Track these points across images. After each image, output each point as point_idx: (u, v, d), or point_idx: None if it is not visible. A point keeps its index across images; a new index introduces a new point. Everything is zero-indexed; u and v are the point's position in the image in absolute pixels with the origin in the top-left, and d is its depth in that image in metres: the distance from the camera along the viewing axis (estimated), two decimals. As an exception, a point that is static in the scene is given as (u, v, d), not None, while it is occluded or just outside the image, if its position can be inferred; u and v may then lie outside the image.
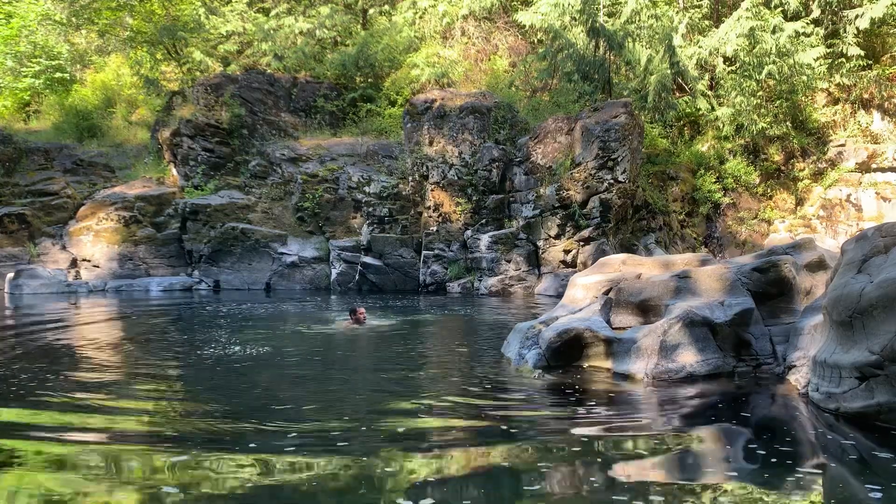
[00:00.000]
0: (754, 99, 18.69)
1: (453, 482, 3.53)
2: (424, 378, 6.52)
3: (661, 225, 17.61)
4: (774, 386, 5.62)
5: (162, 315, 12.24)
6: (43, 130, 22.24)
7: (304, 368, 7.02)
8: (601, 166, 15.54)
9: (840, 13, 19.33)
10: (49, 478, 3.56)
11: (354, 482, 3.48)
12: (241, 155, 19.54)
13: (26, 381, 5.97)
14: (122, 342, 8.88)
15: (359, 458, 3.81)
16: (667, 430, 4.50)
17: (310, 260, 18.12)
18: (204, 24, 23.37)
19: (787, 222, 18.75)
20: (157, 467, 3.70)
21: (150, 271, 18.30)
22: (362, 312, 9.72)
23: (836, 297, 4.70)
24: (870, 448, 3.98)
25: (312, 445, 4.12)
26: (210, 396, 5.67)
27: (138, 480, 3.51)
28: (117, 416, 4.92)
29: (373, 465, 3.69)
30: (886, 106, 19.36)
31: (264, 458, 3.80)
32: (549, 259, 15.94)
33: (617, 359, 6.12)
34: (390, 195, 18.15)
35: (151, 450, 4.05)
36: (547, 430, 4.60)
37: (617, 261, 7.88)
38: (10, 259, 17.93)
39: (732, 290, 6.26)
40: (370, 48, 21.59)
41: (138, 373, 6.69)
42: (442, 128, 17.45)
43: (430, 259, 17.08)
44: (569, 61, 19.51)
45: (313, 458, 3.84)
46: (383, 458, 3.83)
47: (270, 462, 3.74)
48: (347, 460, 3.79)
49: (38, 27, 25.97)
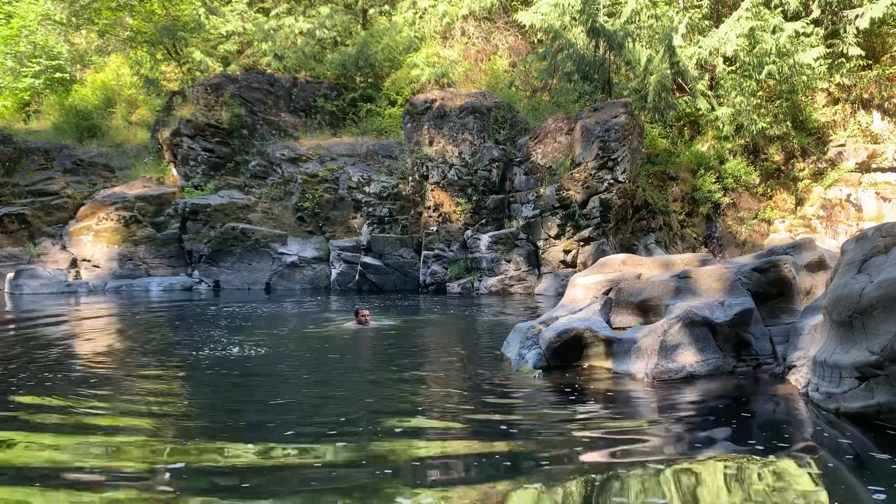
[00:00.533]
0: (754, 99, 18.69)
1: (453, 482, 3.52)
2: (424, 378, 6.52)
3: (661, 225, 17.61)
4: (774, 386, 5.61)
5: (162, 315, 12.23)
6: (43, 130, 22.25)
7: (306, 367, 7.02)
8: (601, 166, 15.54)
9: (840, 13, 19.32)
10: (48, 477, 3.56)
11: (354, 481, 3.48)
12: (241, 155, 19.54)
13: (25, 381, 5.97)
14: (121, 343, 8.88)
15: (358, 458, 3.81)
16: (667, 430, 4.49)
17: (310, 260, 18.13)
18: (204, 24, 23.38)
19: (787, 222, 18.75)
20: (155, 468, 3.70)
21: (150, 271, 18.30)
22: (365, 314, 9.73)
23: (836, 297, 4.69)
24: (870, 448, 3.98)
25: (312, 444, 4.12)
26: (210, 397, 5.67)
27: (136, 478, 3.51)
28: (116, 416, 4.92)
29: (372, 465, 3.69)
30: (886, 106, 19.36)
31: (263, 457, 3.79)
32: (549, 259, 15.94)
33: (617, 359, 6.12)
34: (390, 195, 18.15)
35: (150, 451, 4.05)
36: (547, 430, 4.60)
37: (617, 261, 7.87)
38: (10, 259, 17.93)
39: (732, 290, 6.26)
40: (370, 48, 21.59)
41: (137, 372, 6.68)
42: (442, 128, 17.46)
43: (430, 259, 17.08)
44: (569, 61, 19.52)
45: (313, 457, 3.84)
46: (383, 458, 3.83)
47: (269, 461, 3.74)
48: (347, 459, 3.79)
49: (38, 27, 25.98)
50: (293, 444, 4.04)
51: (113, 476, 3.50)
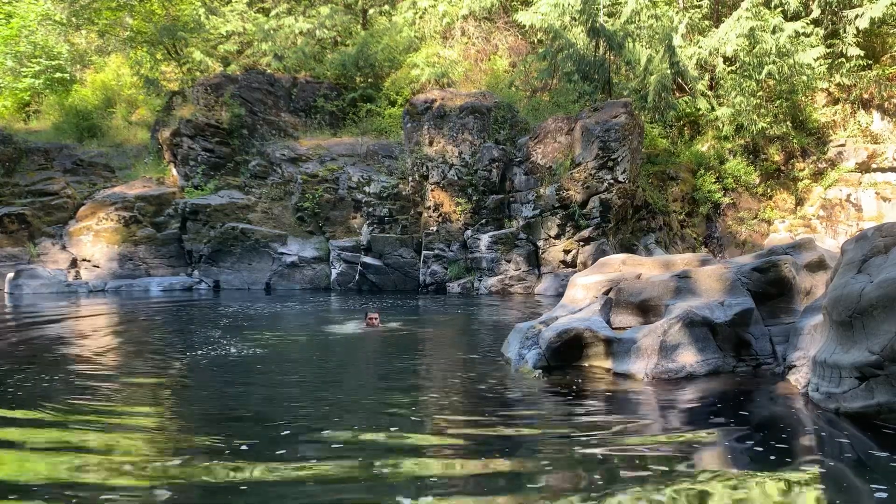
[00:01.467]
0: (754, 99, 18.69)
1: (452, 482, 3.52)
2: (423, 378, 6.52)
3: (661, 225, 17.61)
4: (774, 386, 5.61)
5: (162, 315, 12.23)
6: (43, 130, 22.24)
7: (307, 366, 7.02)
8: (601, 166, 15.54)
9: (840, 13, 19.32)
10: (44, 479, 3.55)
11: (354, 480, 3.48)
12: (241, 155, 19.54)
13: (23, 382, 5.97)
14: (121, 343, 8.87)
15: (358, 457, 3.81)
16: (667, 430, 4.49)
17: (310, 260, 18.12)
18: (204, 24, 23.38)
19: (787, 222, 18.75)
20: (153, 470, 3.70)
21: (150, 271, 18.30)
22: (374, 318, 9.67)
23: (836, 297, 4.69)
24: (870, 448, 3.98)
25: (311, 443, 4.12)
26: (207, 406, 5.66)
27: (135, 480, 3.51)
28: (115, 417, 4.92)
29: (372, 464, 3.69)
30: (886, 106, 19.36)
31: (263, 457, 3.79)
32: (549, 259, 15.94)
33: (617, 359, 6.12)
34: (390, 195, 18.14)
35: (148, 453, 4.05)
36: (547, 430, 4.60)
37: (617, 261, 7.88)
38: (10, 259, 17.92)
39: (732, 290, 6.26)
40: (370, 48, 21.59)
41: (136, 380, 6.68)
42: (442, 128, 17.46)
43: (430, 259, 17.08)
44: (569, 61, 19.52)
45: (312, 456, 3.83)
46: (382, 457, 3.83)
47: (269, 462, 3.73)
48: (347, 458, 3.79)
49: (38, 27, 25.97)
50: (292, 449, 4.03)
51: (107, 493, 3.35)
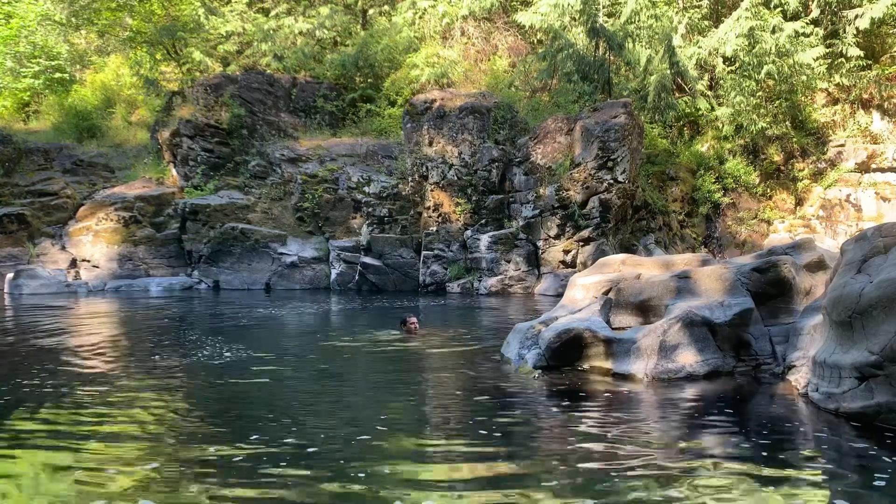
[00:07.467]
0: (754, 99, 18.70)
1: (452, 482, 3.52)
2: (423, 378, 6.52)
3: (661, 225, 17.61)
4: (774, 386, 5.61)
5: (162, 315, 12.22)
6: (43, 131, 22.24)
7: (307, 369, 7.02)
8: (601, 166, 15.54)
9: (840, 13, 19.33)
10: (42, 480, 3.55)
11: (354, 481, 3.48)
12: (241, 155, 19.53)
13: (22, 381, 5.96)
14: (120, 345, 8.87)
15: (358, 458, 3.81)
16: (666, 430, 4.49)
17: (309, 260, 18.11)
18: (203, 25, 23.36)
19: (786, 222, 18.75)
20: (148, 474, 3.70)
21: (149, 271, 18.29)
22: (414, 323, 9.28)
23: (835, 298, 4.69)
24: (870, 448, 3.98)
25: (312, 442, 4.12)
26: (207, 414, 5.66)
27: (126, 486, 3.51)
28: (115, 419, 4.91)
29: (372, 464, 3.69)
30: (886, 106, 19.36)
31: (263, 459, 3.79)
32: (548, 259, 15.94)
33: (617, 359, 6.12)
34: (390, 195, 18.14)
35: (146, 456, 4.04)
36: (546, 430, 4.60)
37: (617, 261, 7.88)
38: (10, 259, 17.91)
39: (732, 291, 6.26)
40: (370, 48, 21.58)
41: (136, 391, 6.67)
42: (442, 128, 17.45)
43: (429, 259, 17.08)
44: (569, 61, 19.51)
45: (313, 455, 3.83)
46: (382, 458, 3.83)
47: (269, 465, 3.73)
48: (347, 459, 3.78)
49: (38, 27, 25.95)
50: (291, 449, 4.03)
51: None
